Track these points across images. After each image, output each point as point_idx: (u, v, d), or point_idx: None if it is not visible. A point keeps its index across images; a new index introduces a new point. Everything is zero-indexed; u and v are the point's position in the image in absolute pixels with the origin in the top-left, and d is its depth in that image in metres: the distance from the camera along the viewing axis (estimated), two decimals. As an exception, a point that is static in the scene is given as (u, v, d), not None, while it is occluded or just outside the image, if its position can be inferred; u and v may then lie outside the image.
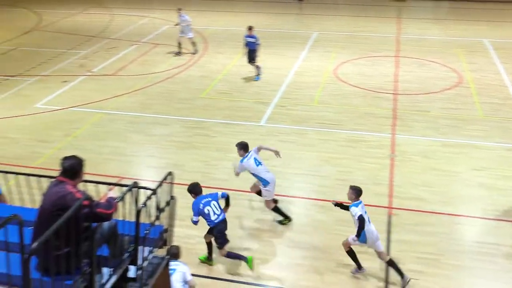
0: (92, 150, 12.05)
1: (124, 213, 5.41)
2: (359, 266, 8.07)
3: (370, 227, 7.68)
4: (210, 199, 8.14)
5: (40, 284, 4.26)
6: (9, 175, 7.94)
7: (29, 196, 7.65)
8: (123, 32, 22.48)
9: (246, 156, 9.15)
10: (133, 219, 5.33)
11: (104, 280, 4.99)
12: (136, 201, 5.37)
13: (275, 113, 14.09)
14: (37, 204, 6.65)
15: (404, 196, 10.22)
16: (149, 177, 10.84)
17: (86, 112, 14.35)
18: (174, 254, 7.13)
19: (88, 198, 4.65)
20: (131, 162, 11.70)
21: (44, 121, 13.81)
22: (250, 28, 16.36)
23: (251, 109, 14.35)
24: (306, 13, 26.64)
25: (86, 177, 5.53)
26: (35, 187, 7.60)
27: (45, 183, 6.91)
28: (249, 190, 9.79)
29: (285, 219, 9.46)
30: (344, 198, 10.10)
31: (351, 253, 7.96)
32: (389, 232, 9.14)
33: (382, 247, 7.92)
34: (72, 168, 4.84)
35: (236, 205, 9.84)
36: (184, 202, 9.81)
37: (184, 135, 12.92)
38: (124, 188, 5.74)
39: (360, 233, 7.50)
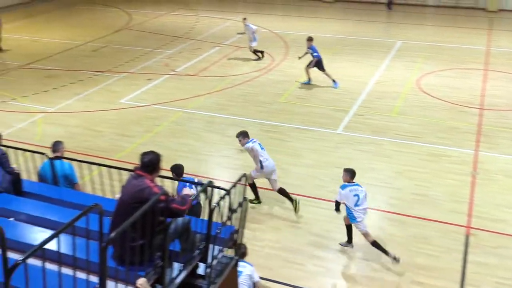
0: (170, 147, 12.43)
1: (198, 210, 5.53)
2: (349, 241, 8.66)
3: (360, 209, 8.26)
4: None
5: (115, 273, 4.44)
6: (93, 166, 8.36)
7: (110, 187, 8.02)
8: (207, 34, 23.03)
9: (251, 140, 9.86)
10: (205, 217, 5.44)
11: (174, 275, 5.12)
12: (210, 200, 5.48)
13: (352, 121, 13.90)
14: (117, 195, 6.94)
15: (485, 217, 9.74)
16: (223, 177, 11.02)
17: (167, 110, 14.83)
18: (242, 253, 7.17)
19: (165, 193, 4.80)
20: (207, 161, 11.95)
21: (127, 117, 14.40)
22: (310, 39, 16.27)
23: (329, 116, 14.24)
24: (393, 21, 26.12)
25: (163, 172, 5.72)
26: (116, 179, 7.95)
27: (125, 175, 7.20)
28: (320, 197, 9.72)
29: (255, 200, 10.04)
30: (418, 212, 9.80)
31: (348, 228, 8.61)
32: (466, 252, 8.75)
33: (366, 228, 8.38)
34: (151, 163, 5.01)
35: (307, 212, 9.81)
36: (256, 204, 9.94)
37: (259, 137, 12.93)
38: (199, 186, 5.88)
39: (337, 208, 8.39)
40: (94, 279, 4.31)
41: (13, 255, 4.20)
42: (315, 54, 16.20)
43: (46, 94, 16.19)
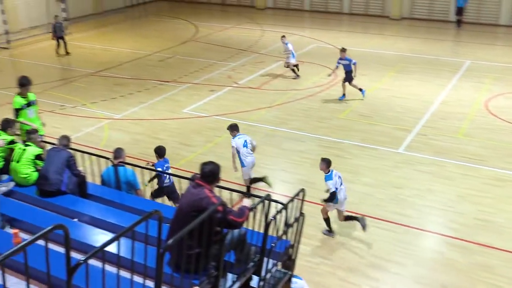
0: (229, 158, 12.52)
1: (254, 223, 5.54)
2: (330, 230, 9.60)
3: (341, 192, 9.21)
4: (169, 165, 9.66)
5: (171, 279, 4.52)
6: (153, 173, 8.58)
7: (169, 195, 8.19)
8: (271, 48, 23.20)
9: (237, 136, 10.62)
10: (261, 230, 5.45)
11: (228, 285, 5.16)
12: (267, 213, 5.49)
13: (415, 141, 13.57)
14: (175, 203, 7.08)
15: (553, 248, 9.22)
16: (280, 191, 11.02)
17: (228, 121, 14.97)
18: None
19: (223, 204, 4.86)
20: (264, 174, 11.97)
21: (189, 126, 14.70)
22: (343, 50, 16.26)
23: (390, 134, 13.97)
24: (461, 40, 25.39)
25: (222, 183, 5.79)
26: (176, 187, 8.13)
27: (185, 184, 7.35)
28: (378, 217, 9.52)
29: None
30: (481, 239, 9.42)
31: (327, 220, 9.52)
32: (530, 284, 8.31)
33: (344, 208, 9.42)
34: (211, 173, 5.09)
35: (362, 231, 9.63)
36: (313, 220, 9.85)
37: (318, 153, 12.92)
38: (256, 199, 5.90)
39: (331, 200, 9.09)
40: (150, 283, 4.40)
41: (75, 255, 4.37)
42: (353, 62, 16.15)
43: (113, 101, 16.80)
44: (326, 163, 9.27)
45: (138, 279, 4.33)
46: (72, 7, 28.82)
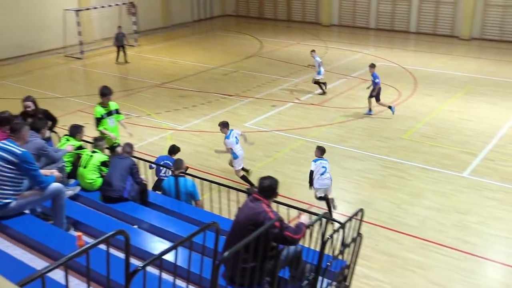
0: (287, 174, 12.54)
1: (310, 241, 5.49)
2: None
3: (324, 178, 10.27)
4: (169, 162, 9.82)
5: (225, 291, 4.54)
6: (213, 184, 8.70)
7: (227, 207, 8.28)
8: (335, 65, 23.10)
9: (230, 133, 11.27)
10: (317, 248, 5.39)
11: (281, 302, 5.12)
12: (324, 232, 5.43)
13: (481, 165, 13.06)
14: (232, 215, 7.14)
15: None
16: (337, 210, 10.88)
17: (288, 137, 15.03)
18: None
19: (280, 219, 4.85)
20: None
21: (249, 140, 14.78)
22: (372, 66, 16.32)
23: (455, 157, 13.52)
24: (534, 62, 24.35)
25: (279, 199, 5.78)
26: (233, 199, 8.20)
27: (242, 197, 7.39)
28: (439, 243, 9.18)
29: (252, 187, 11.01)
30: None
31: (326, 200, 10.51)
32: None
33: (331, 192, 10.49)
34: (270, 188, 5.10)
35: (424, 256, 9.34)
36: (371, 242, 9.65)
37: (378, 173, 12.71)
38: (314, 216, 5.85)
39: (311, 183, 10.29)
40: (205, 294, 4.45)
41: (133, 261, 4.48)
42: (377, 80, 16.02)
43: (177, 112, 17.21)
44: (321, 151, 10.73)
45: (193, 289, 4.39)
46: (142, 20, 29.89)
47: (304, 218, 5.26)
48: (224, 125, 11.45)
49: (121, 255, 3.93)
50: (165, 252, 3.72)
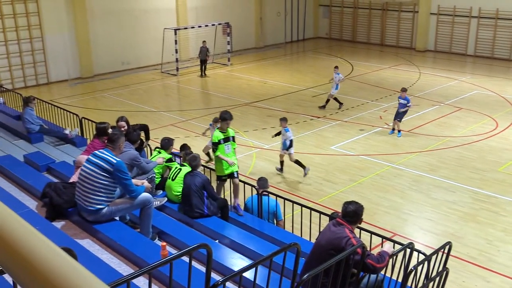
0: (372, 200, 12.25)
1: (393, 271, 5.32)
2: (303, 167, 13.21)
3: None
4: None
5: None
6: (295, 205, 8.68)
7: (307, 229, 8.22)
8: (428, 91, 22.41)
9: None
10: (400, 279, 5.21)
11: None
12: (407, 263, 5.24)
13: None
14: (313, 238, 7.07)
15: None
16: (422, 241, 10.46)
17: (374, 162, 14.72)
18: None
19: (363, 246, 4.74)
20: (407, 221, 11.48)
21: (335, 163, 14.66)
22: (404, 90, 16.83)
23: (556, 195, 12.58)
24: None
25: (362, 225, 5.66)
26: (315, 222, 8.13)
27: (324, 220, 7.30)
28: None
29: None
30: None
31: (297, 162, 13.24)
32: None
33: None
34: (355, 214, 5.02)
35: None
36: (456, 277, 9.17)
37: (469, 206, 12.09)
38: (398, 246, 5.67)
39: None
40: (281, 315, 4.42)
41: (213, 275, 4.55)
42: (408, 104, 16.60)
43: (264, 131, 17.41)
44: (285, 121, 13.62)
45: (270, 308, 4.38)
46: (236, 40, 30.71)
47: (388, 247, 5.11)
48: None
49: (202, 268, 4.01)
50: (245, 270, 3.75)
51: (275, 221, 8.44)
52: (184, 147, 9.79)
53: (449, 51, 30.86)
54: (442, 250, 5.73)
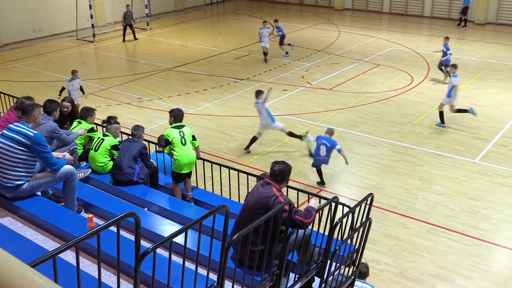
0: (298, 159, 12.55)
1: (320, 225, 5.51)
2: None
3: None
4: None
5: (233, 274, 4.58)
6: (222, 168, 8.72)
7: (236, 191, 8.31)
8: (347, 49, 22.93)
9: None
10: (326, 232, 5.41)
11: (289, 284, 5.16)
12: (333, 216, 5.44)
13: (493, 151, 12.97)
14: (242, 199, 7.17)
15: None
16: (347, 194, 10.89)
17: (299, 121, 15.00)
18: (362, 273, 6.95)
19: (290, 203, 4.86)
20: (332, 176, 11.88)
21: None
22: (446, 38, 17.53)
23: (467, 143, 13.43)
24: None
25: (289, 183, 5.79)
26: (243, 183, 8.22)
27: (252, 181, 7.41)
28: (449, 228, 9.15)
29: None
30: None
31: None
32: None
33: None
34: (282, 173, 5.11)
35: (434, 241, 9.34)
36: (379, 226, 9.67)
37: (389, 158, 12.67)
38: (323, 200, 5.86)
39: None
40: (214, 276, 4.49)
41: (143, 243, 4.52)
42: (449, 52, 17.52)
43: (188, 96, 17.23)
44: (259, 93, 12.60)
45: (202, 271, 4.43)
46: (154, 3, 29.80)
47: (314, 202, 5.27)
48: (258, 93, 12.66)
49: (132, 237, 3.97)
50: (175, 235, 3.75)
51: None
52: (109, 118, 9.36)
53: (366, 9, 31.59)
54: (365, 201, 5.99)
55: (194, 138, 7.99)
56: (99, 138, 8.00)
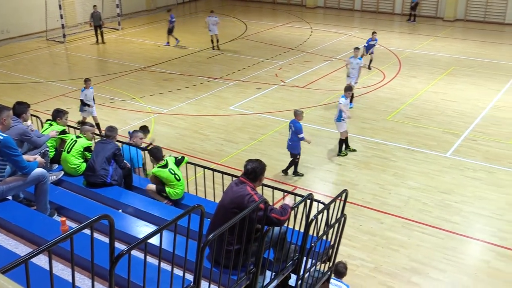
0: (273, 157, 12.58)
1: (295, 222, 5.54)
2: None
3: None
4: None
5: (209, 274, 4.57)
6: (197, 167, 8.69)
7: (211, 190, 8.29)
8: (319, 47, 23.08)
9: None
10: (302, 229, 5.44)
11: (266, 282, 5.17)
12: (308, 213, 5.47)
13: (463, 146, 13.22)
14: (217, 199, 7.15)
15: None
16: (322, 191, 10.97)
17: (273, 119, 15.04)
18: (341, 272, 7.00)
19: (265, 202, 4.86)
20: (307, 173, 11.94)
21: (234, 123, 14.80)
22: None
23: (438, 138, 13.66)
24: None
25: (264, 181, 5.80)
26: (218, 183, 8.21)
27: (227, 180, 7.40)
28: (422, 222, 9.29)
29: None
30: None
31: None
32: None
33: None
34: (255, 171, 5.10)
35: (407, 235, 9.47)
36: (354, 222, 9.77)
37: (363, 154, 12.80)
38: (298, 198, 5.89)
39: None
40: (190, 277, 4.47)
41: (118, 245, 4.48)
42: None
43: (161, 96, 17.11)
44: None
45: (178, 271, 4.40)
46: (126, 3, 29.49)
47: (289, 200, 5.29)
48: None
49: (106, 239, 3.93)
50: (150, 236, 3.72)
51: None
52: (60, 113, 9.05)
53: (338, 7, 31.83)
54: (340, 198, 6.05)
55: (179, 162, 7.93)
56: (72, 139, 7.89)
